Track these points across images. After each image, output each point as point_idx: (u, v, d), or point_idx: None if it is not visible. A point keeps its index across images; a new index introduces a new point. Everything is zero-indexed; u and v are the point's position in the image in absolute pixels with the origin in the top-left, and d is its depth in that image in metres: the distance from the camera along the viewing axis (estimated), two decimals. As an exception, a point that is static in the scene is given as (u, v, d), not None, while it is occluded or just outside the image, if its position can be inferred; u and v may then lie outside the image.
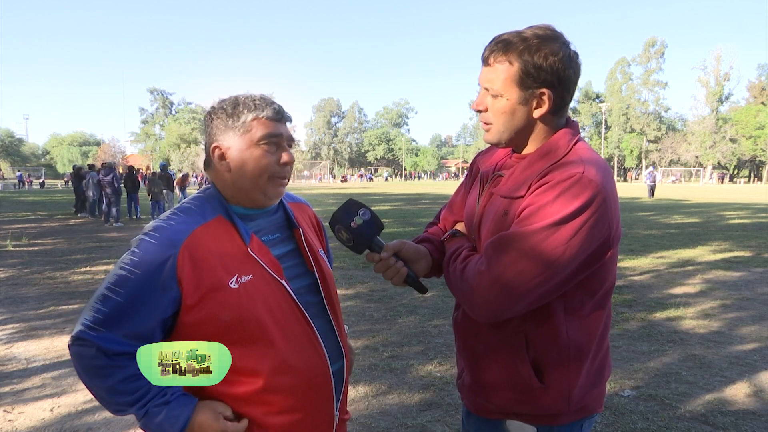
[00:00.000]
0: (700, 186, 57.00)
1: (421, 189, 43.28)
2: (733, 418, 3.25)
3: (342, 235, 1.37)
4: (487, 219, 1.31)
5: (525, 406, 1.28)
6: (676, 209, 20.42)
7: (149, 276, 1.15)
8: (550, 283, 1.15)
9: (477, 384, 1.36)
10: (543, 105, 1.23)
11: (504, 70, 1.21)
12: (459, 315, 1.41)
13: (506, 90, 1.22)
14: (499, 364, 1.29)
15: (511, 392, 1.28)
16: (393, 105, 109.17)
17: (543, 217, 1.14)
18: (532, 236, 1.13)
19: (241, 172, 1.26)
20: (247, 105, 1.26)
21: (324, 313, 1.36)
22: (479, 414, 1.39)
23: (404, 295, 6.37)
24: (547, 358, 1.24)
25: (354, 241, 1.36)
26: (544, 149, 1.26)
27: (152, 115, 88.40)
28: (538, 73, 1.19)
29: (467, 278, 1.21)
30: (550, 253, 1.12)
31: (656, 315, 5.50)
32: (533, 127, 1.27)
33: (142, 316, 1.17)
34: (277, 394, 1.23)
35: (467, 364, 1.39)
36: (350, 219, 1.36)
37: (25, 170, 68.81)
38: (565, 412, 1.27)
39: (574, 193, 1.14)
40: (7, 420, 3.31)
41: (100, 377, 1.17)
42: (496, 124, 1.27)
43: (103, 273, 7.79)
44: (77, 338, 1.16)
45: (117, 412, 1.22)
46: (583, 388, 1.27)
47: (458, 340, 1.43)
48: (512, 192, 1.24)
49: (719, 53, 71.10)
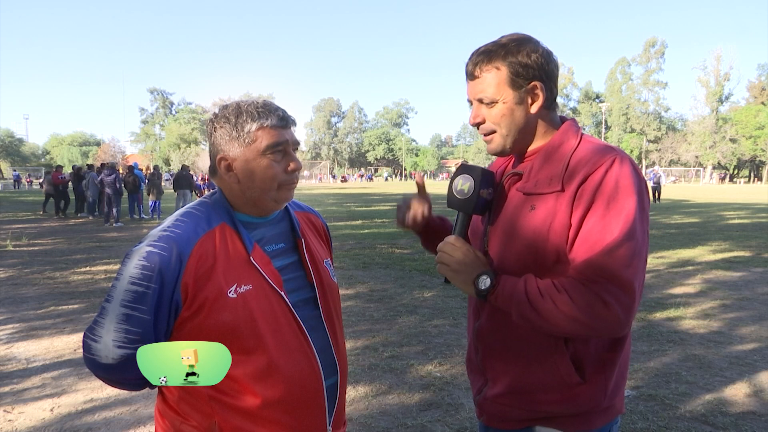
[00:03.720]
0: (700, 186, 57.01)
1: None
2: (733, 418, 3.25)
3: (464, 186, 1.32)
4: (501, 218, 1.31)
5: (562, 406, 1.26)
6: (676, 209, 20.43)
7: (165, 288, 1.16)
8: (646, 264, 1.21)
9: (509, 391, 1.32)
10: (537, 98, 1.27)
11: (493, 76, 1.25)
12: (483, 324, 1.37)
13: (500, 94, 1.25)
14: (538, 366, 1.27)
15: (550, 393, 1.26)
16: (393, 105, 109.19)
17: (621, 206, 1.15)
18: (631, 232, 1.14)
19: (250, 183, 1.25)
20: (250, 114, 1.24)
21: (321, 327, 1.34)
22: (501, 426, 1.36)
23: (404, 295, 6.37)
24: (586, 353, 1.24)
25: (468, 202, 1.31)
26: (555, 142, 1.28)
27: (152, 115, 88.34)
28: (526, 71, 1.24)
29: (585, 306, 1.13)
30: (645, 239, 1.18)
31: (656, 315, 5.50)
32: (534, 125, 1.29)
33: (160, 327, 1.19)
34: (267, 407, 1.22)
35: (499, 373, 1.35)
36: (486, 186, 1.32)
37: (25, 170, 68.48)
38: (601, 407, 1.27)
39: (626, 172, 1.17)
40: (7, 420, 3.31)
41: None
42: (499, 130, 1.28)
43: (103, 273, 7.80)
44: (124, 357, 1.17)
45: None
46: (615, 382, 1.28)
47: (484, 350, 1.38)
48: (538, 188, 1.24)
49: (719, 53, 71.17)
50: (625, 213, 1.14)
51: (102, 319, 1.18)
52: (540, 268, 1.22)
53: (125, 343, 1.16)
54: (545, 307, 1.15)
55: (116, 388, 1.33)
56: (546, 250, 1.21)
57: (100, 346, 1.17)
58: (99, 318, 1.19)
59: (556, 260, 1.21)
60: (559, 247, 1.19)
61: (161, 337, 1.20)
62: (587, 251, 1.15)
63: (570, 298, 1.13)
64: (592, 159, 1.20)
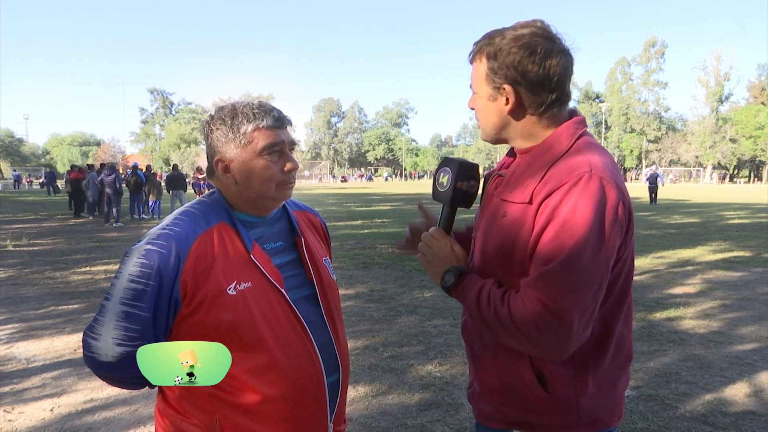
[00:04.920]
0: (700, 186, 57.00)
1: (421, 189, 43.27)
2: (733, 418, 3.25)
3: (443, 179, 1.33)
4: (483, 219, 1.31)
5: (533, 416, 1.24)
6: (676, 209, 20.42)
7: (164, 285, 1.16)
8: (602, 293, 1.13)
9: (485, 391, 1.33)
10: (509, 102, 1.22)
11: (476, 67, 1.26)
12: (467, 320, 1.37)
13: (478, 87, 1.26)
14: (505, 371, 1.26)
15: (518, 400, 1.25)
16: (393, 105, 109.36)
17: (572, 232, 1.08)
18: (575, 260, 1.08)
19: (247, 184, 1.26)
20: (246, 115, 1.24)
21: (323, 324, 1.34)
22: (487, 424, 1.35)
23: (404, 295, 6.37)
24: (546, 364, 1.20)
25: (447, 194, 1.31)
26: (546, 145, 1.23)
27: (152, 115, 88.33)
28: (500, 71, 1.20)
29: (521, 325, 1.12)
30: (597, 269, 1.10)
31: (656, 315, 5.50)
32: (511, 125, 1.25)
33: (159, 325, 1.19)
34: (268, 404, 1.22)
35: (479, 371, 1.35)
36: (464, 178, 1.31)
37: (25, 170, 68.39)
38: (575, 424, 1.22)
39: (589, 193, 1.09)
40: (7, 420, 3.31)
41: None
42: (480, 121, 1.30)
43: (103, 273, 7.80)
44: (124, 355, 1.17)
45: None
46: (593, 398, 1.22)
47: (468, 347, 1.40)
48: (511, 195, 1.22)
49: (719, 53, 71.16)
50: (576, 238, 1.07)
51: (102, 317, 1.19)
52: (507, 275, 1.21)
53: (125, 340, 1.16)
54: (488, 315, 1.17)
55: (116, 388, 1.33)
56: (512, 260, 1.19)
57: (99, 344, 1.18)
58: (99, 316, 1.19)
59: (521, 271, 1.18)
60: (523, 259, 1.17)
61: (161, 334, 1.21)
62: (533, 271, 1.12)
63: (509, 314, 1.13)
64: (561, 174, 1.14)
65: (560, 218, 1.10)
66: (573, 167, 1.14)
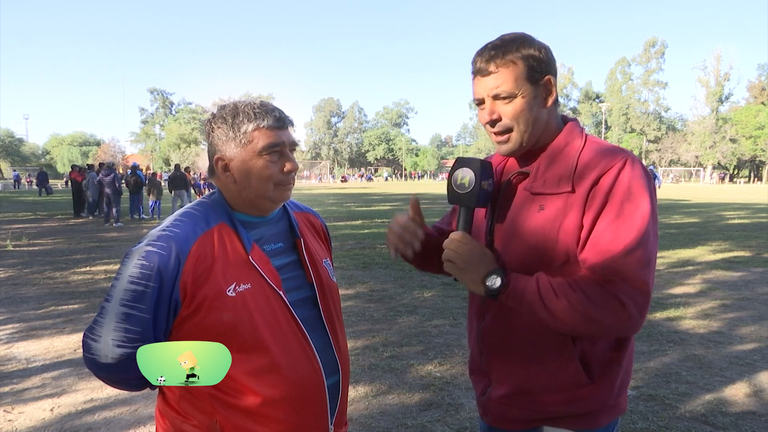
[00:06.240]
0: (700, 186, 57.00)
1: (421, 189, 43.28)
2: (733, 418, 3.25)
3: (464, 180, 1.28)
4: (506, 215, 1.31)
5: (569, 406, 1.26)
6: (676, 209, 20.42)
7: (164, 287, 1.16)
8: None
9: (515, 392, 1.32)
10: (551, 93, 1.28)
11: (511, 71, 1.23)
12: (488, 325, 1.35)
13: (519, 88, 1.24)
14: (544, 368, 1.27)
15: (557, 394, 1.26)
16: (393, 105, 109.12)
17: (636, 209, 1.16)
18: (647, 234, 1.16)
19: (246, 183, 1.26)
20: (247, 114, 1.25)
21: (321, 326, 1.34)
22: (509, 427, 1.35)
23: (404, 295, 6.37)
24: (594, 353, 1.24)
25: (471, 195, 1.27)
26: (561, 141, 1.29)
27: (152, 115, 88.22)
28: (540, 65, 1.25)
29: (602, 306, 1.14)
30: (657, 241, 1.20)
31: (656, 315, 5.50)
32: (547, 121, 1.30)
33: (159, 326, 1.19)
34: (268, 405, 1.22)
35: (503, 374, 1.34)
36: (486, 178, 1.29)
37: (25, 170, 68.35)
38: (608, 405, 1.28)
39: (638, 174, 1.18)
40: (7, 420, 3.31)
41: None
42: (517, 127, 1.26)
43: (103, 273, 7.80)
44: (124, 356, 1.17)
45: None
46: (621, 380, 1.29)
47: (488, 352, 1.36)
48: (546, 188, 1.24)
49: (719, 53, 71.15)
50: (640, 215, 1.15)
51: (101, 318, 1.18)
52: (547, 268, 1.21)
53: (125, 342, 1.16)
54: (559, 305, 1.14)
55: (116, 389, 1.33)
56: (555, 251, 1.21)
57: (99, 345, 1.18)
58: (98, 317, 1.19)
59: (566, 261, 1.21)
60: (569, 248, 1.19)
61: (161, 336, 1.21)
62: (602, 253, 1.15)
63: (586, 297, 1.13)
64: (603, 160, 1.20)
65: (619, 198, 1.16)
66: (610, 153, 1.22)
